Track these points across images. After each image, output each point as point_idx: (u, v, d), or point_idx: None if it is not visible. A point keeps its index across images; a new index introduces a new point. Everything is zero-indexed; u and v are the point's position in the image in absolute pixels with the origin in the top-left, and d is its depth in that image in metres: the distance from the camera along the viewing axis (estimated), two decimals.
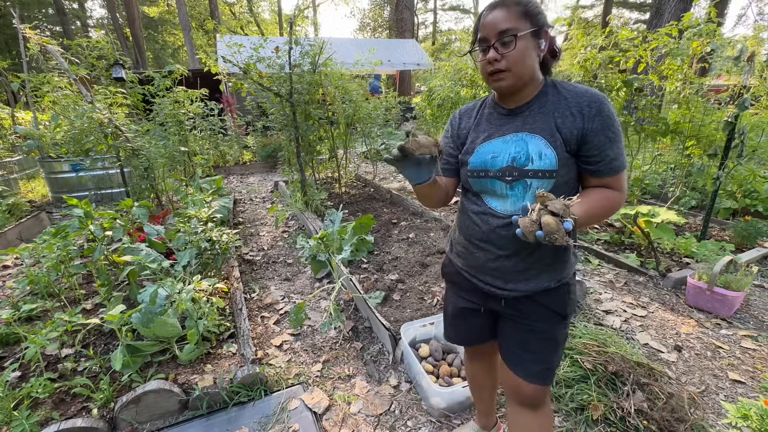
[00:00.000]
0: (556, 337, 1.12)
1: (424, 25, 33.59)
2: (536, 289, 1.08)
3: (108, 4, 19.22)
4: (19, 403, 1.69)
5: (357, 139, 6.00)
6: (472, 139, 1.14)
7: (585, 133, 0.98)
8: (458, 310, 1.29)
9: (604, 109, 0.98)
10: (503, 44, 0.97)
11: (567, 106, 1.01)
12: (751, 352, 2.15)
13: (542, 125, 1.02)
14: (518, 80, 1.00)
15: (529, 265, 1.07)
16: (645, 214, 3.05)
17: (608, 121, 0.98)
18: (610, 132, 0.99)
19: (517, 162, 1.02)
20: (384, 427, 1.71)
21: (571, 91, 1.03)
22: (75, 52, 3.89)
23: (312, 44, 4.36)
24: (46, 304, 2.32)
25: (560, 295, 1.10)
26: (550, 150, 0.99)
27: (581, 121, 0.98)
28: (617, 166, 1.01)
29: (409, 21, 17.81)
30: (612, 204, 1.02)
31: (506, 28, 0.96)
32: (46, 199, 5.58)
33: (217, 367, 1.98)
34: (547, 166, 0.99)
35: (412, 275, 2.92)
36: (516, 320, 1.15)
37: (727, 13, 13.70)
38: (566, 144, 1.00)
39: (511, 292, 1.10)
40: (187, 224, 2.68)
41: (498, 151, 1.05)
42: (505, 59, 0.98)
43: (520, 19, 0.97)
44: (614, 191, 1.02)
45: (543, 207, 0.85)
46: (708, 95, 3.71)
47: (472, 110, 1.20)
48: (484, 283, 1.15)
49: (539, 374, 1.12)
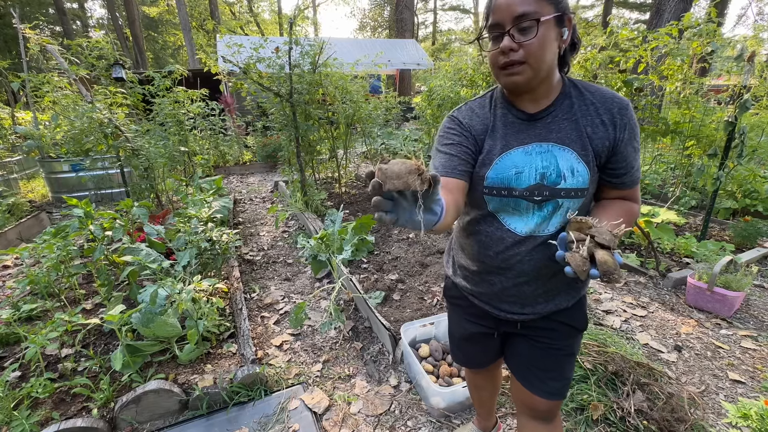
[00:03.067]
0: (572, 351, 1.07)
1: (424, 25, 33.61)
2: (555, 309, 1.01)
3: (108, 4, 19.22)
4: (19, 403, 1.69)
5: (357, 139, 6.00)
6: (489, 147, 0.94)
7: (616, 144, 0.88)
8: (469, 336, 1.18)
9: (633, 117, 0.89)
10: (521, 31, 0.82)
11: (596, 112, 0.89)
12: (751, 352, 2.15)
13: (571, 135, 0.89)
14: (535, 75, 0.85)
15: (550, 288, 0.98)
16: (645, 214, 3.05)
17: (636, 130, 0.90)
18: (635, 142, 0.90)
19: (547, 180, 0.89)
20: (384, 427, 1.71)
21: (597, 94, 0.90)
22: (75, 52, 3.89)
23: (312, 44, 4.36)
24: (46, 304, 2.33)
25: (578, 309, 1.04)
26: (582, 165, 0.88)
27: (613, 131, 0.88)
28: (638, 177, 0.94)
29: (409, 21, 17.81)
30: (633, 218, 0.94)
31: (525, 12, 0.80)
32: (46, 199, 5.58)
33: (217, 367, 1.98)
34: (580, 183, 0.88)
35: (412, 275, 2.92)
36: (533, 339, 1.07)
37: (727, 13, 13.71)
38: (597, 157, 0.89)
39: (528, 315, 1.02)
40: (187, 224, 2.68)
41: (522, 166, 0.90)
42: (523, 49, 0.82)
43: (542, 1, 0.81)
44: (633, 203, 0.95)
45: (590, 238, 0.74)
46: (708, 95, 3.71)
47: (482, 108, 0.99)
48: (499, 310, 1.05)
49: (556, 391, 1.06)
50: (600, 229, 0.74)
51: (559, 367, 1.06)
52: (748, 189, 3.95)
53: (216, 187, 4.34)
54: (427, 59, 13.08)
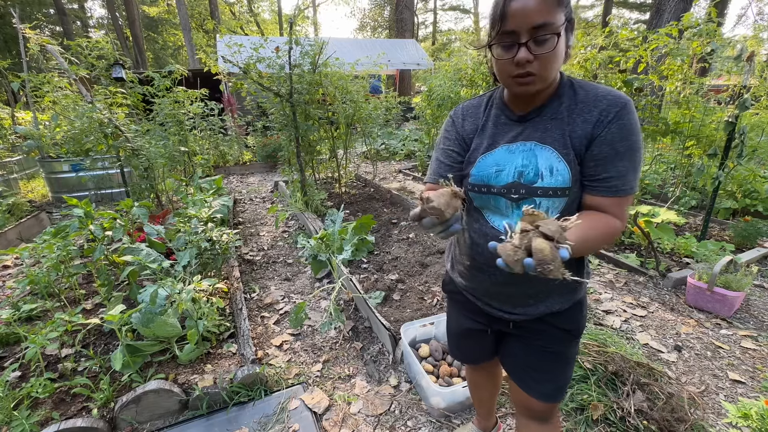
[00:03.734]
0: (568, 356, 1.05)
1: (424, 25, 33.62)
2: (547, 312, 0.99)
3: (108, 4, 19.23)
4: (19, 403, 1.69)
5: (357, 139, 5.99)
6: (476, 146, 0.98)
7: (592, 140, 0.84)
8: (464, 331, 1.20)
9: (623, 115, 0.82)
10: (537, 42, 0.78)
11: (584, 110, 0.86)
12: (751, 352, 2.15)
13: (554, 134, 0.87)
14: (546, 83, 0.84)
15: (540, 290, 0.96)
16: (645, 214, 3.05)
17: (624, 131, 0.82)
18: (620, 144, 0.82)
19: (524, 178, 0.88)
20: (384, 427, 1.71)
21: (591, 92, 0.87)
22: (75, 52, 3.88)
23: (312, 44, 4.36)
24: (46, 304, 2.32)
25: (573, 314, 1.01)
26: (563, 164, 0.85)
27: (591, 128, 0.84)
28: (617, 186, 0.83)
29: (409, 21, 17.83)
30: (611, 232, 0.84)
31: (545, 23, 0.76)
32: (46, 199, 5.58)
33: (217, 367, 1.98)
34: (560, 183, 0.85)
35: (412, 275, 2.92)
36: (526, 341, 1.06)
37: (727, 13, 13.70)
38: (578, 156, 0.85)
39: (519, 316, 1.01)
40: (187, 224, 2.68)
41: (503, 164, 0.91)
42: (538, 61, 0.79)
43: (557, 8, 0.77)
44: (609, 217, 0.84)
45: (533, 228, 0.68)
46: (708, 95, 3.71)
47: (477, 108, 1.02)
48: (491, 307, 1.06)
49: (552, 393, 1.06)
50: (549, 220, 0.68)
51: (552, 371, 1.05)
52: (748, 189, 3.95)
53: (216, 187, 4.34)
54: (427, 59, 13.09)
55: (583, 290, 1.02)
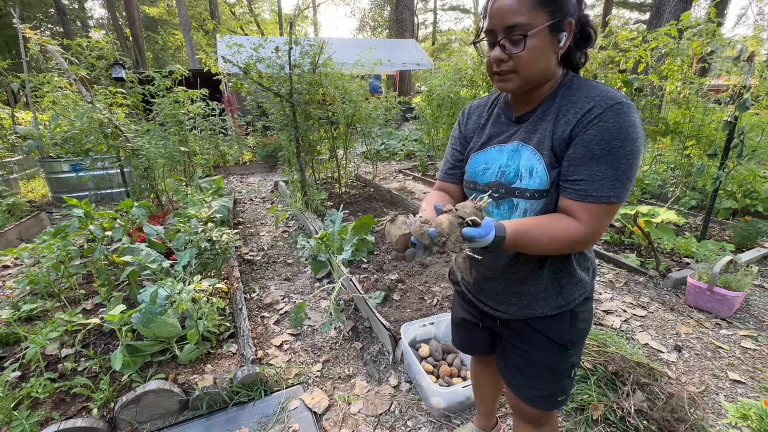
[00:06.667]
0: (554, 367, 1.00)
1: (424, 25, 33.60)
2: (529, 315, 0.98)
3: (108, 4, 19.22)
4: (19, 403, 1.69)
5: (357, 139, 5.99)
6: (473, 144, 1.01)
7: (570, 141, 0.81)
8: (461, 320, 1.25)
9: (608, 117, 0.76)
10: (511, 42, 0.79)
11: (571, 110, 0.82)
12: (751, 352, 2.15)
13: (540, 135, 0.86)
14: (527, 82, 0.84)
15: (524, 290, 0.97)
16: (645, 214, 3.05)
17: (606, 134, 0.76)
18: (598, 147, 0.77)
19: (505, 178, 0.89)
20: (384, 427, 1.71)
21: (585, 91, 0.83)
22: (75, 52, 3.89)
23: (312, 44, 4.36)
24: (46, 304, 2.32)
25: (560, 323, 0.97)
26: (542, 166, 0.84)
27: (571, 128, 0.81)
28: (585, 191, 0.78)
29: (409, 21, 17.82)
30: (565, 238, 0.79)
31: (516, 23, 0.77)
32: (46, 199, 5.58)
33: (217, 367, 1.98)
34: (537, 185, 0.85)
35: (412, 275, 2.92)
36: (513, 341, 1.06)
37: (727, 13, 13.71)
38: (558, 158, 0.84)
39: (504, 314, 1.02)
40: (187, 224, 2.68)
41: (490, 162, 0.93)
42: (512, 60, 0.80)
43: (535, 10, 0.76)
44: (570, 221, 0.80)
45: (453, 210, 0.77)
46: (708, 95, 3.71)
47: (483, 107, 1.05)
48: (479, 301, 1.10)
49: (537, 400, 1.04)
50: (467, 203, 0.78)
51: (536, 378, 1.02)
52: (748, 189, 3.95)
53: (216, 187, 4.34)
54: (427, 59, 13.08)
55: (573, 298, 0.96)
